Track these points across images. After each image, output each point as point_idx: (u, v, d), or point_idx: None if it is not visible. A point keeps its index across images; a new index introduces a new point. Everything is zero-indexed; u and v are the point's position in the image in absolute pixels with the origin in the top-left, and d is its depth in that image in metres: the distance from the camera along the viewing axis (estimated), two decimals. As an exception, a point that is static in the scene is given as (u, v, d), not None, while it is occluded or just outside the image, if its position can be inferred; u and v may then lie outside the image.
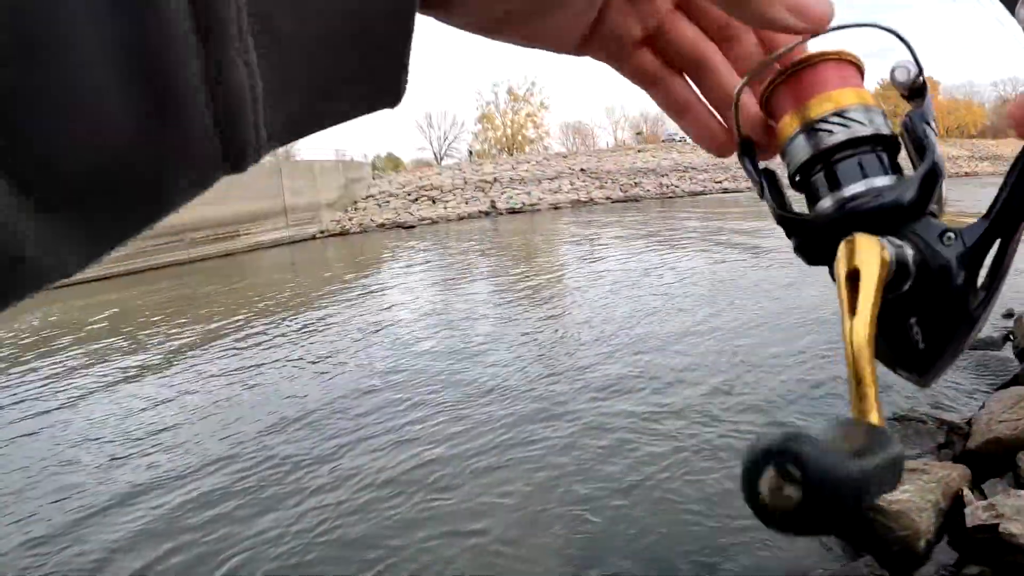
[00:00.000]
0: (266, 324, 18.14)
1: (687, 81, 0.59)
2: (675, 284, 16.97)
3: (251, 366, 13.96)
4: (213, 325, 18.78)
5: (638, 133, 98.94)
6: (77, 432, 11.33)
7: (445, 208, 52.23)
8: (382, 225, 49.07)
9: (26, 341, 19.54)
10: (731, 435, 7.88)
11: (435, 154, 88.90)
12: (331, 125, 0.40)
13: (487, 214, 51.09)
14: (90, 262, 0.34)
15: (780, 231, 0.48)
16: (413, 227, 47.79)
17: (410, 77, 0.40)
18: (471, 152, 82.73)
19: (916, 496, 5.13)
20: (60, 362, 16.44)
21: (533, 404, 9.83)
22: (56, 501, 8.47)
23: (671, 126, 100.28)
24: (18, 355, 17.74)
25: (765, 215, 0.49)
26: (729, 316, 13.49)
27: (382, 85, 0.40)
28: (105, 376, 14.81)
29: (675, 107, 0.60)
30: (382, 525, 7.00)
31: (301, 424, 10.29)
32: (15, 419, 12.29)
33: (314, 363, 13.91)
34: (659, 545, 6.07)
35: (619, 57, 0.57)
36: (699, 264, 19.71)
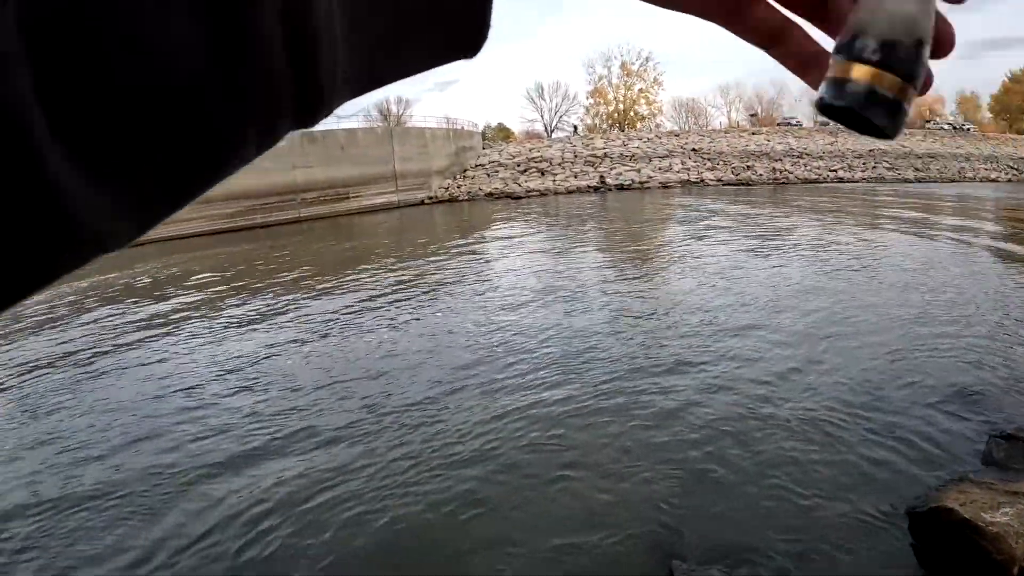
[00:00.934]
0: (370, 280, 18.09)
1: (808, 34, 0.53)
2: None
3: (354, 318, 13.97)
4: (319, 279, 18.85)
5: (752, 115, 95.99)
6: (199, 361, 11.73)
7: (554, 181, 51.66)
8: (490, 194, 49.05)
9: (141, 285, 20.07)
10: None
11: (545, 126, 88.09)
12: (408, 74, 0.38)
13: (596, 189, 50.26)
14: (143, 231, 0.34)
15: None
16: (521, 198, 47.50)
17: (492, 30, 0.37)
18: (575, 128, 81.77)
19: (1015, 520, 4.62)
20: (178, 304, 16.83)
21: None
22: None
23: (787, 109, 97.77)
24: (137, 299, 18.23)
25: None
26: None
27: (459, 32, 0.38)
28: (213, 319, 15.05)
29: (801, 62, 0.52)
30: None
31: (410, 369, 10.48)
32: (136, 351, 12.67)
33: (421, 320, 13.81)
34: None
35: (738, 11, 0.49)
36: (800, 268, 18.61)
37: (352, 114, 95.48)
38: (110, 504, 7.00)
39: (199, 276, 21.01)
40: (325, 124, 50.82)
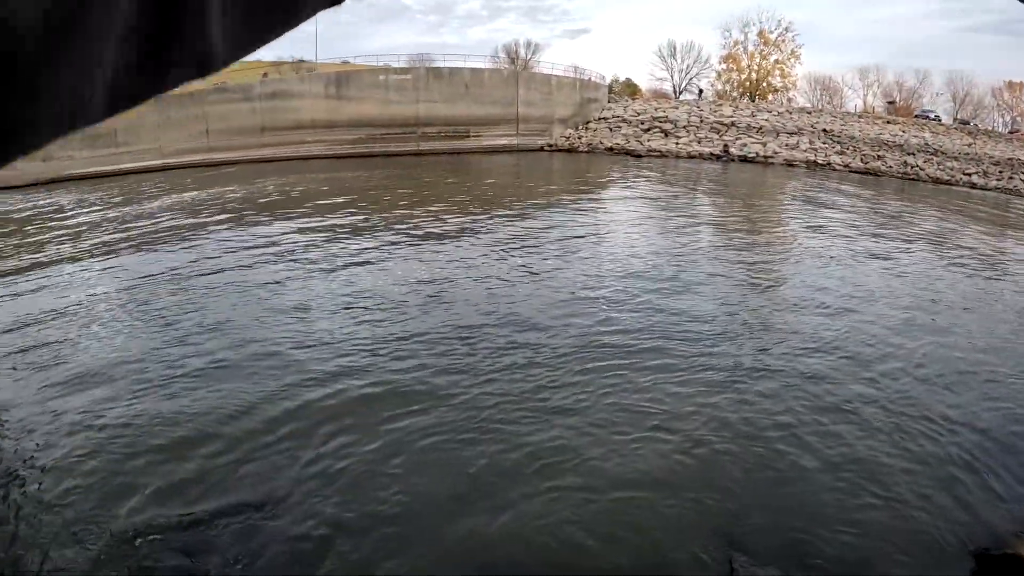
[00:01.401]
0: (485, 220, 17.77)
1: None
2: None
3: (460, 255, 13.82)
4: (434, 213, 18.66)
5: (890, 102, 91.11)
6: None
7: (676, 143, 50.19)
8: (610, 149, 47.75)
9: (263, 201, 20.28)
10: None
11: (674, 87, 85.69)
12: None
13: (718, 157, 48.57)
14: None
15: None
16: (641, 156, 46.32)
17: None
18: (700, 91, 79.25)
19: None
20: (297, 218, 16.92)
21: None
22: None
23: (927, 102, 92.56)
24: (257, 212, 18.42)
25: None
26: None
27: None
28: (328, 241, 15.06)
29: None
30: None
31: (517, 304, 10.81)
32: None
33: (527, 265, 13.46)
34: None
35: None
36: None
37: (479, 54, 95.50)
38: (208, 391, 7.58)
39: (322, 197, 21.15)
40: (451, 61, 51.05)
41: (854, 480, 6.01)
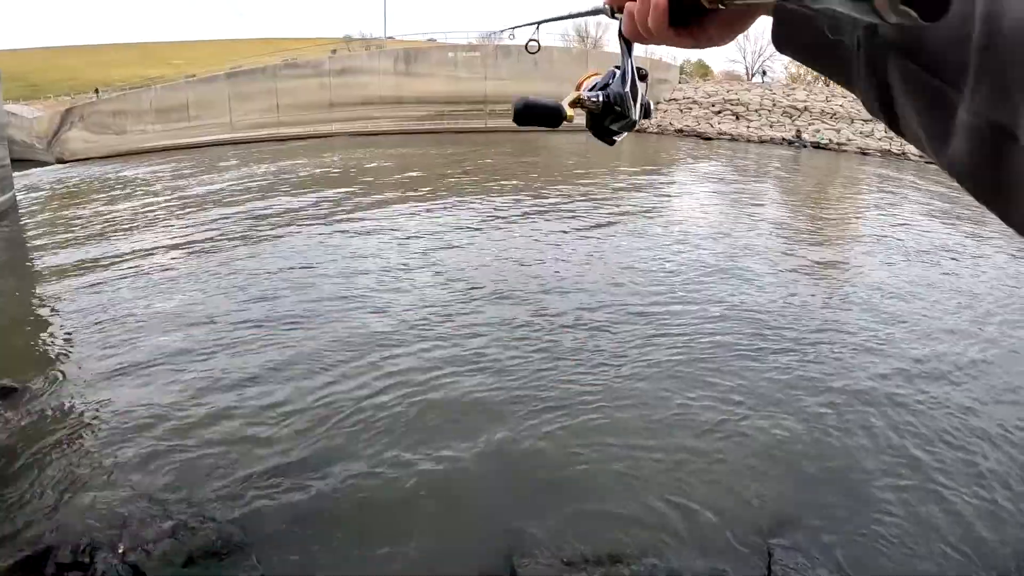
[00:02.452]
0: (548, 198, 17.49)
1: None
2: None
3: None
4: (501, 188, 18.42)
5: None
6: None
7: (747, 127, 49.03)
8: (680, 131, 46.92)
9: (333, 175, 20.27)
10: None
11: (747, 69, 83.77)
12: None
13: (790, 143, 47.22)
14: None
15: None
16: (711, 139, 45.39)
17: None
18: (764, 73, 77.22)
19: None
20: (350, 192, 16.86)
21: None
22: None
23: None
24: (322, 185, 18.41)
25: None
26: None
27: None
28: (394, 210, 14.97)
29: None
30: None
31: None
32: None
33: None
34: None
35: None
36: None
37: (549, 32, 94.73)
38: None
39: (391, 174, 21.15)
40: (519, 38, 50.23)
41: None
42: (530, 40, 1.44)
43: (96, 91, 38.89)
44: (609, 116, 1.14)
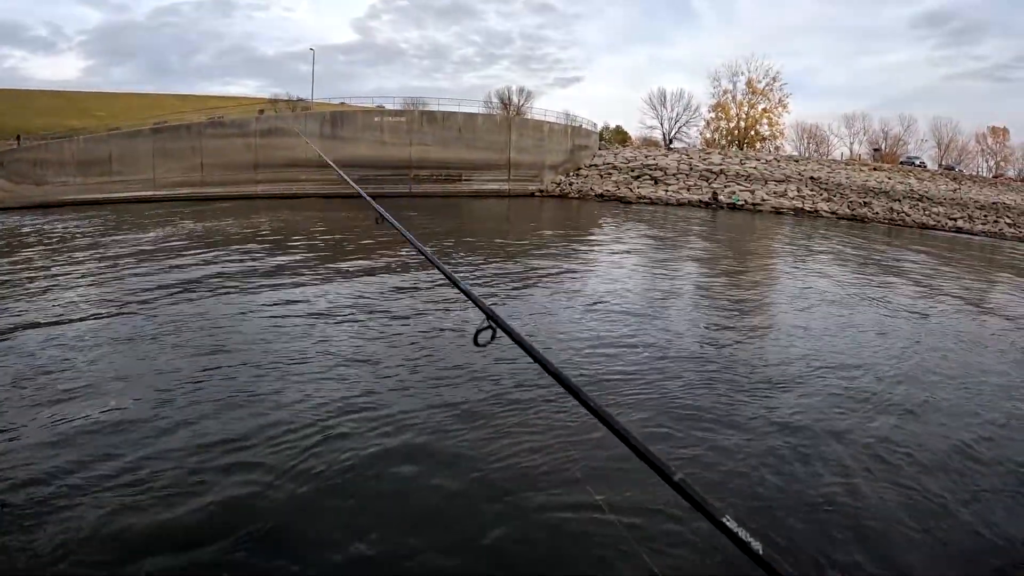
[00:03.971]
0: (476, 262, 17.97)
1: None
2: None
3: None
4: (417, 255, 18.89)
5: (876, 150, 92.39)
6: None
7: (666, 191, 50.85)
8: (600, 196, 48.45)
9: (256, 237, 20.44)
10: None
11: (664, 135, 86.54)
12: None
13: (707, 205, 49.21)
14: None
15: None
16: (631, 203, 46.92)
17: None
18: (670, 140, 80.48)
19: None
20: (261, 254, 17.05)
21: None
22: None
23: (912, 148, 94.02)
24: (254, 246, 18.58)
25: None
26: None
27: None
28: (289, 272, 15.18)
29: None
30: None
31: None
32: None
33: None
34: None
35: None
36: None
37: (473, 99, 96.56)
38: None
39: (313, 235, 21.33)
40: (445, 106, 51.74)
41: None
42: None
43: (18, 138, 37.81)
44: None
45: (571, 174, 51.63)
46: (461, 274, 15.51)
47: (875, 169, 64.93)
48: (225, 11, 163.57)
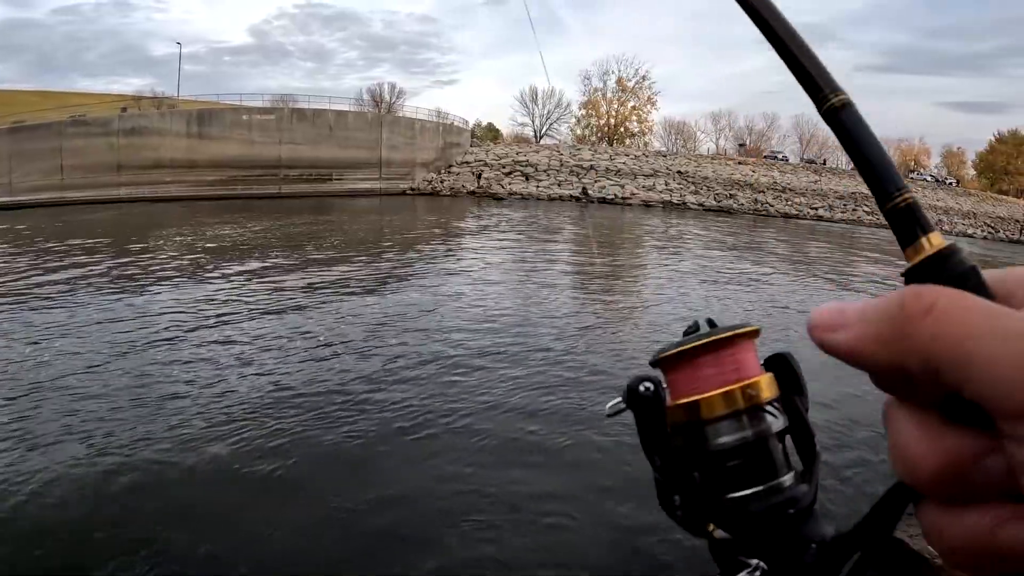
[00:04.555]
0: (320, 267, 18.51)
1: None
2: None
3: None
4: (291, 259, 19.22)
5: (741, 144, 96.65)
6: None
7: (537, 187, 52.34)
8: (472, 192, 49.73)
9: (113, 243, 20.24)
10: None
11: (535, 131, 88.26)
12: None
13: (577, 199, 50.94)
14: None
15: None
16: (503, 199, 48.09)
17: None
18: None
19: None
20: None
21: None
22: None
23: (776, 143, 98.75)
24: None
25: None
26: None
27: None
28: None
29: None
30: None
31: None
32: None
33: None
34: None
35: None
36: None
37: (345, 97, 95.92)
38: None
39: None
40: (316, 103, 51.41)
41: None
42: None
43: None
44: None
45: (443, 171, 52.45)
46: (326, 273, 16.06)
47: (740, 163, 68.27)
48: (125, 12, 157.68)
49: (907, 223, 0.40)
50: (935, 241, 0.38)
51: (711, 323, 0.51)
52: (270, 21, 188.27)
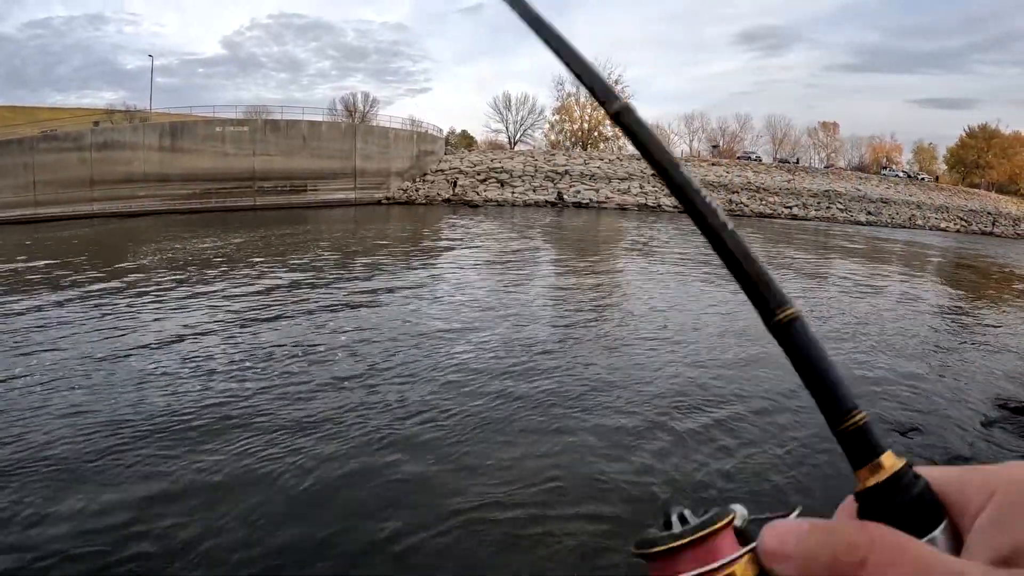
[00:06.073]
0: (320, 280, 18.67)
1: None
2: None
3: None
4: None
5: (714, 146, 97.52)
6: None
7: (512, 193, 52.59)
8: (448, 200, 49.79)
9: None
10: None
11: (509, 138, 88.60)
12: None
13: (553, 204, 51.32)
14: None
15: None
16: (478, 206, 48.26)
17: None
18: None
19: None
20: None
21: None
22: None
23: (749, 143, 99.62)
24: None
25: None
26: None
27: None
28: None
29: None
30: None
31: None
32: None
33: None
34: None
35: None
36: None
37: (318, 107, 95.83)
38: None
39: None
40: (289, 114, 51.52)
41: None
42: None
43: None
44: None
45: (417, 180, 52.59)
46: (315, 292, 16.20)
47: (714, 164, 68.99)
48: (96, 25, 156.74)
49: (859, 445, 0.39)
50: (887, 463, 0.37)
51: (683, 519, 0.56)
52: (243, 32, 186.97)
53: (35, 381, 9.79)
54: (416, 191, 50.71)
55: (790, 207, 55.41)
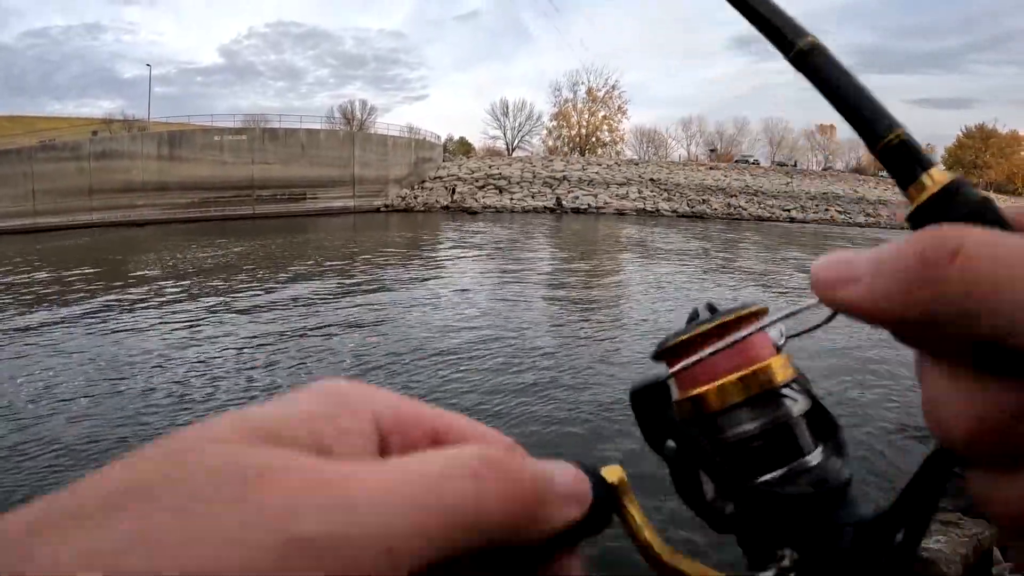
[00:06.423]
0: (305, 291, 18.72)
1: None
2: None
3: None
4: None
5: (712, 150, 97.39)
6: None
7: (511, 199, 52.50)
8: (446, 207, 49.72)
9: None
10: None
11: (507, 144, 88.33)
12: None
13: (552, 210, 51.22)
14: None
15: None
16: (477, 213, 48.17)
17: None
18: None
19: (947, 548, 4.97)
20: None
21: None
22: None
23: (746, 147, 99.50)
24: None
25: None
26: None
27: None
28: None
29: None
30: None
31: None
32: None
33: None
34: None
35: None
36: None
37: (316, 116, 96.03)
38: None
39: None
40: (288, 122, 51.40)
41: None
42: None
43: None
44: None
45: (416, 187, 52.58)
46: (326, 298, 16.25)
47: (712, 168, 69.01)
48: (94, 34, 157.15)
49: (903, 160, 0.37)
50: (937, 177, 0.35)
51: (711, 308, 0.47)
52: (240, 40, 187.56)
53: (39, 389, 9.87)
54: (415, 198, 50.69)
55: (788, 210, 55.39)
